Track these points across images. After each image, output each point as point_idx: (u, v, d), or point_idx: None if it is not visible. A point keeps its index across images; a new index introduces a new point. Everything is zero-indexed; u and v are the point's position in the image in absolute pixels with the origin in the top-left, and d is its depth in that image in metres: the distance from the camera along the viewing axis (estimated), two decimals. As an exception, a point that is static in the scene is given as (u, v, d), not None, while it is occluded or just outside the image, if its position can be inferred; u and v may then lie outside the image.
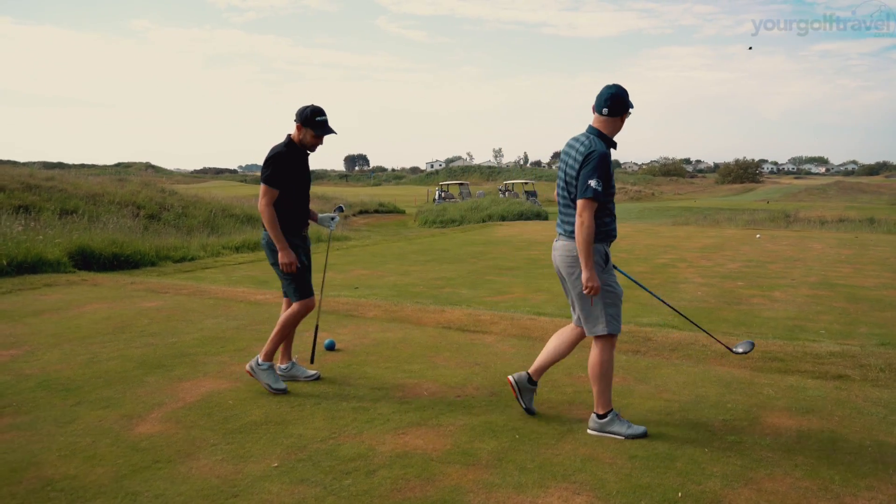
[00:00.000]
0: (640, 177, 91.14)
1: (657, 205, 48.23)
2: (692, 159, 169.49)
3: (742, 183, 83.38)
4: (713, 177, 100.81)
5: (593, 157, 3.53)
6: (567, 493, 3.05)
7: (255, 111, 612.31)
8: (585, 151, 3.57)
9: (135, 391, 4.42)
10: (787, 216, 30.70)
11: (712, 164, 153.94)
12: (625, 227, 22.84)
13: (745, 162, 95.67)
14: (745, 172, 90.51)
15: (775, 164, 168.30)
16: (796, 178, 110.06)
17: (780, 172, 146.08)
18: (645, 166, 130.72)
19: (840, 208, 37.26)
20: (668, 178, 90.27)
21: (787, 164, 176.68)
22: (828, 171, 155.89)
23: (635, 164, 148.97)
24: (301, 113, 4.29)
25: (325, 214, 4.81)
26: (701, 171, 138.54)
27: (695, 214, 33.13)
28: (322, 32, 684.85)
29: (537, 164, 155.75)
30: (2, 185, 16.98)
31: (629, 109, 3.70)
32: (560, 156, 3.83)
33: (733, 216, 31.18)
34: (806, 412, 4.09)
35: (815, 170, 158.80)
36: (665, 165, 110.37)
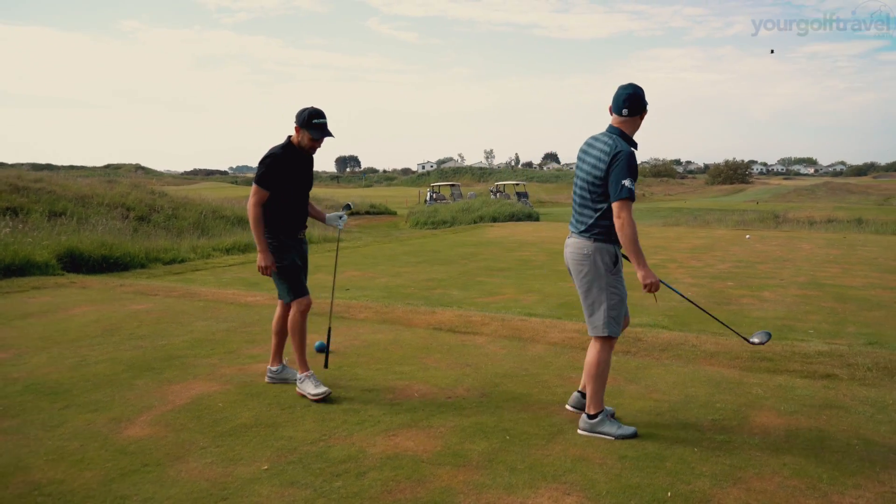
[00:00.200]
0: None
1: (647, 205, 48.40)
2: (682, 160, 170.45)
3: (732, 184, 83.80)
4: (703, 178, 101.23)
5: (621, 157, 3.52)
6: (557, 494, 3.05)
7: (245, 112, 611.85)
8: (611, 152, 3.55)
9: (124, 394, 4.39)
10: (777, 217, 30.89)
11: (702, 165, 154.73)
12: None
13: (734, 163, 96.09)
14: (734, 173, 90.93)
15: (765, 165, 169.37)
16: (785, 179, 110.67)
17: (769, 173, 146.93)
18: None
19: (828, 209, 37.50)
20: (659, 178, 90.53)
21: (777, 165, 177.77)
22: (816, 171, 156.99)
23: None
24: (300, 115, 4.27)
25: (332, 214, 4.77)
26: (691, 171, 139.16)
27: (685, 215, 33.26)
28: (313, 33, 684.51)
29: (528, 165, 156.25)
30: (-11, 187, 16.85)
31: (646, 108, 3.70)
32: (578, 154, 3.80)
33: (723, 217, 31.34)
34: (794, 411, 4.12)
35: (804, 171, 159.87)
36: (655, 166, 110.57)
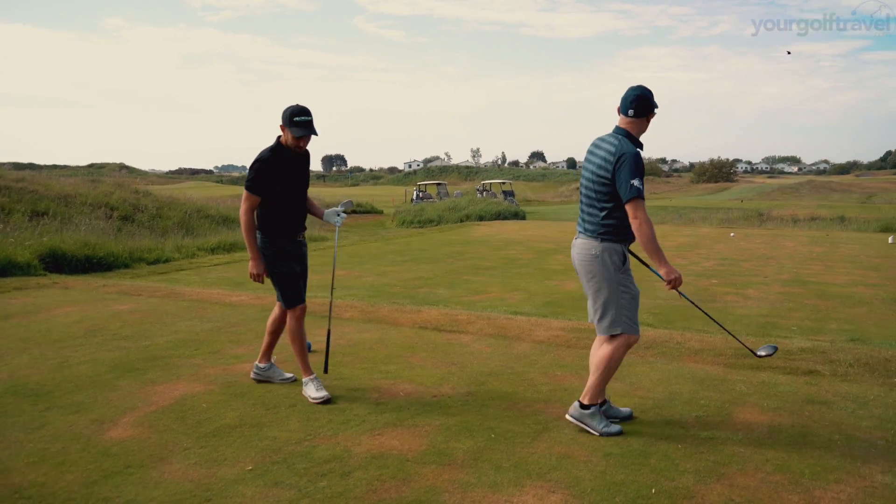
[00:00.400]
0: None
1: (633, 204, 48.52)
2: (668, 159, 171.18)
3: (717, 182, 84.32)
4: (689, 176, 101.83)
5: (626, 158, 3.53)
6: (542, 492, 3.06)
7: (231, 111, 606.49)
8: (617, 153, 3.56)
9: (106, 395, 4.35)
10: (761, 215, 31.16)
11: (688, 164, 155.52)
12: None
13: (719, 161, 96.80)
14: (719, 172, 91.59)
15: (749, 163, 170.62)
16: (770, 178, 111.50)
17: (753, 172, 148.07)
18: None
19: (812, 207, 37.86)
20: (644, 177, 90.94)
21: (761, 163, 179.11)
22: (800, 170, 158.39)
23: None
24: (283, 114, 4.15)
25: (330, 209, 4.64)
26: (676, 170, 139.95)
27: (670, 213, 33.43)
28: (299, 32, 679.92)
29: (515, 163, 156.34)
30: (-30, 187, 16.65)
31: (654, 110, 3.70)
32: (585, 155, 3.81)
33: (708, 215, 31.54)
34: (777, 407, 4.15)
35: (788, 169, 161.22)
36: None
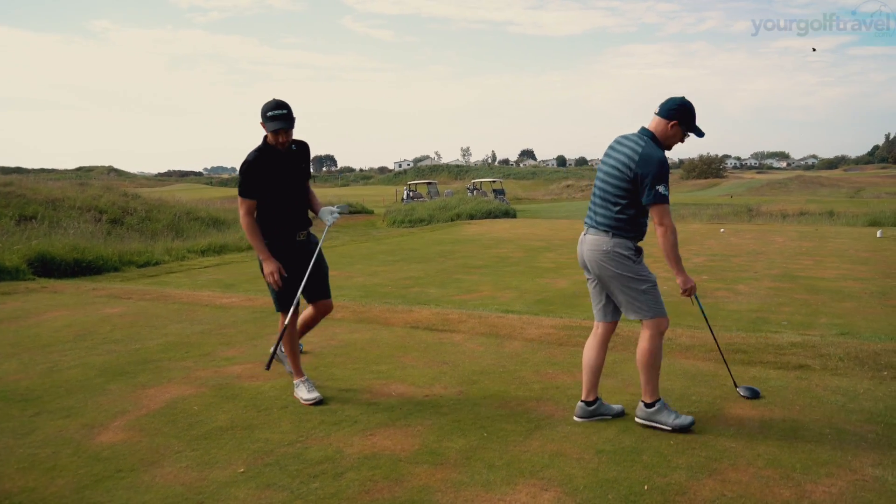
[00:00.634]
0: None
1: (624, 201, 48.68)
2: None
3: (706, 178, 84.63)
4: (678, 172, 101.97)
5: (653, 162, 3.49)
6: (535, 490, 3.06)
7: (220, 112, 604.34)
8: (642, 154, 3.52)
9: (97, 400, 4.32)
10: (750, 210, 31.35)
11: (677, 161, 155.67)
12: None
13: (708, 158, 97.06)
14: (709, 168, 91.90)
15: (738, 159, 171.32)
16: (759, 173, 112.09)
17: (743, 167, 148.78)
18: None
19: (801, 202, 38.12)
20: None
21: (750, 159, 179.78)
22: (789, 165, 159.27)
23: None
24: (260, 111, 4.01)
25: (326, 207, 4.53)
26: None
27: (661, 210, 33.49)
28: (287, 32, 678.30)
29: (505, 162, 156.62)
30: (-44, 192, 16.52)
31: (688, 130, 3.65)
32: (606, 150, 3.76)
33: (698, 211, 31.70)
34: (768, 402, 4.17)
35: (777, 164, 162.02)
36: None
